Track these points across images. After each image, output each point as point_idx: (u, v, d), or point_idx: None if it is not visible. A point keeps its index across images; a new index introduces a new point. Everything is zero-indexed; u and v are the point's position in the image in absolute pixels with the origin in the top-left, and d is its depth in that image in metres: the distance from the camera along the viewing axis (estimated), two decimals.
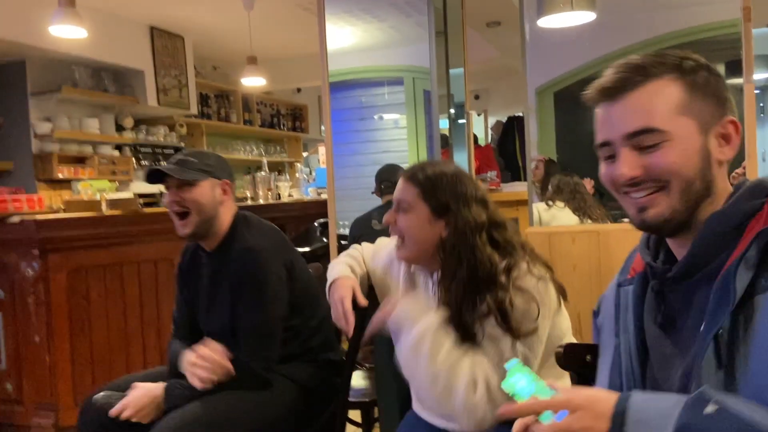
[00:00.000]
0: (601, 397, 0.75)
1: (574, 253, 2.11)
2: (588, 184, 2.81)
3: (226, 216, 1.68)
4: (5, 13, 4.29)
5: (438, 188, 1.30)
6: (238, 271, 1.60)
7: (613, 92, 0.84)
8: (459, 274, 1.25)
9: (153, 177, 1.64)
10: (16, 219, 2.75)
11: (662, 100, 0.82)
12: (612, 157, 0.85)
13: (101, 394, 1.59)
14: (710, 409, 0.66)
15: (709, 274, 0.78)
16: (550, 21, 2.61)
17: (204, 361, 1.50)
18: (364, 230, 2.86)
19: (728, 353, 0.72)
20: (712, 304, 0.75)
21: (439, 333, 1.22)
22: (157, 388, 1.55)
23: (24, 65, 4.83)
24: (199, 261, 1.75)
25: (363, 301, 1.44)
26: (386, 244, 1.56)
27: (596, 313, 1.01)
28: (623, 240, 1.68)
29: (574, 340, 1.30)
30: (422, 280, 1.42)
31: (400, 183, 1.36)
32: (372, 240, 1.66)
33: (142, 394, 1.54)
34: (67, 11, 3.42)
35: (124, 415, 1.51)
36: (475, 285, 1.23)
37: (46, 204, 3.24)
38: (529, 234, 2.31)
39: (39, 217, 2.79)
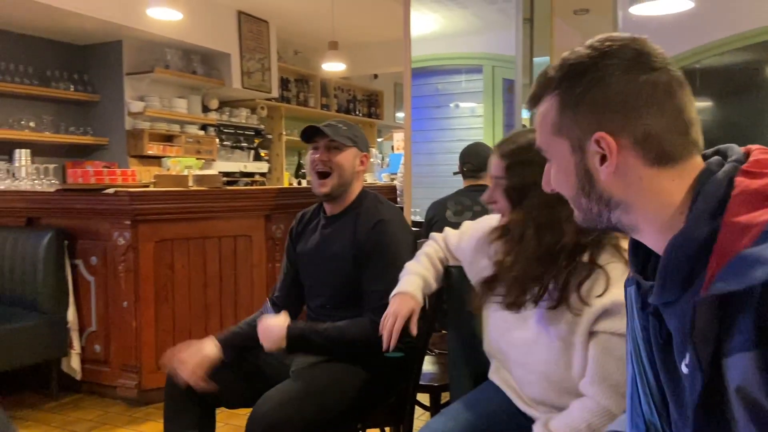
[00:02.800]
0: None
1: None
2: None
3: (356, 186, 1.79)
4: None
5: (524, 162, 1.26)
6: (371, 239, 1.68)
7: (530, 110, 0.87)
8: (533, 243, 1.23)
9: (306, 135, 1.77)
10: (111, 191, 2.93)
11: (543, 121, 0.82)
12: None
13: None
14: None
15: (687, 299, 0.71)
16: (645, 9, 2.50)
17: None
18: (439, 216, 2.78)
19: (716, 410, 0.66)
20: (690, 364, 0.68)
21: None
22: (282, 328, 1.63)
23: (121, 46, 5.11)
24: (315, 223, 1.84)
25: (414, 331, 1.47)
26: (473, 226, 1.56)
27: None
28: None
29: None
30: None
31: (494, 158, 1.32)
32: (443, 228, 1.66)
33: (276, 325, 1.63)
34: None
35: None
36: (552, 259, 1.21)
37: (138, 178, 3.42)
38: None
39: (132, 189, 2.96)
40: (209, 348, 1.67)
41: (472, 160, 2.78)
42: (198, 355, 1.63)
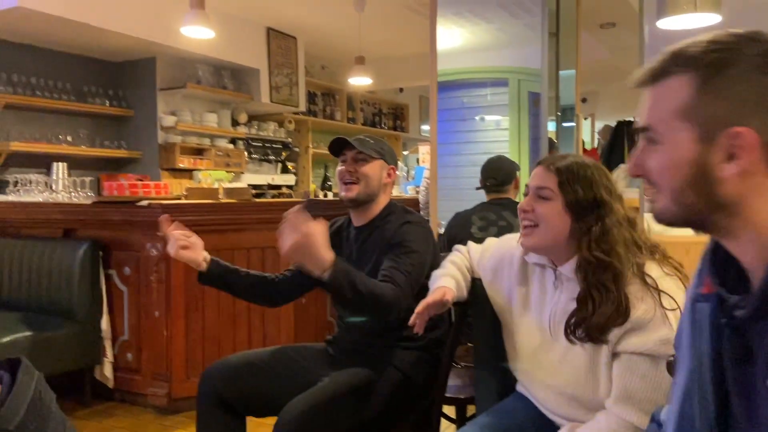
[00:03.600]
0: None
1: (687, 264, 2.02)
2: None
3: (383, 198, 1.83)
4: (141, 15, 4.69)
5: (581, 180, 1.26)
6: (396, 235, 1.71)
7: (641, 83, 0.79)
8: (597, 271, 1.22)
9: (334, 147, 1.83)
10: (145, 203, 3.01)
11: (666, 101, 0.75)
12: None
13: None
14: None
15: None
16: (672, 23, 2.50)
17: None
18: (463, 232, 2.69)
19: None
20: None
21: None
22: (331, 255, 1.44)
23: (155, 62, 5.25)
24: (346, 235, 1.88)
25: (448, 298, 1.43)
26: (495, 245, 1.56)
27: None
28: None
29: None
30: (536, 275, 1.40)
31: (540, 171, 1.32)
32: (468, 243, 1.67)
33: (323, 235, 1.42)
34: (197, 13, 3.70)
35: (296, 237, 1.36)
36: (611, 280, 1.21)
37: (170, 191, 3.51)
38: None
39: (165, 202, 3.03)
40: (201, 248, 1.75)
41: (496, 174, 2.77)
42: (189, 241, 1.72)
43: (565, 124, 4.52)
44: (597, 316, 1.20)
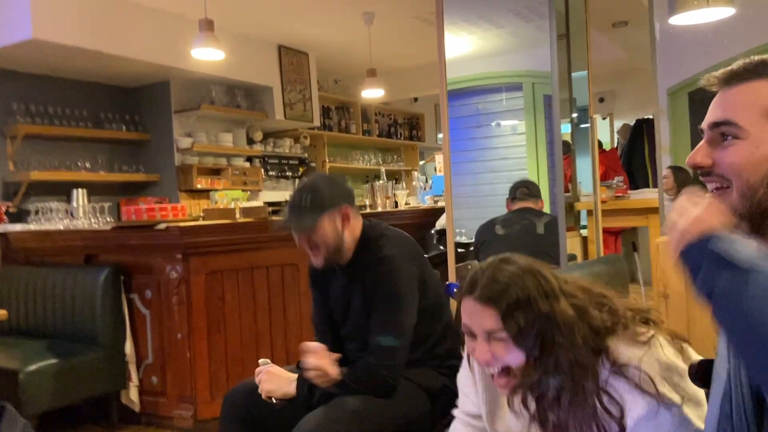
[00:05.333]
0: None
1: None
2: None
3: (353, 234, 1.74)
4: (153, 40, 4.76)
5: (519, 303, 1.06)
6: (372, 279, 1.68)
7: (720, 84, 0.84)
8: (565, 382, 1.07)
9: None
10: (163, 226, 3.02)
11: (753, 99, 0.81)
12: None
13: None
14: None
15: None
16: (684, 18, 2.45)
17: (316, 370, 1.60)
18: (488, 236, 2.87)
19: None
20: None
21: None
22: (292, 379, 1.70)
23: (168, 86, 5.31)
24: (333, 270, 1.83)
25: None
26: (464, 374, 1.36)
27: None
28: None
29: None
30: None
31: (471, 306, 1.10)
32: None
33: (279, 374, 1.70)
34: (207, 36, 3.74)
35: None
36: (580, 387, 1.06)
37: (188, 212, 3.52)
38: (661, 244, 2.18)
39: (182, 224, 3.05)
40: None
41: (528, 185, 3.01)
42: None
43: (583, 126, 4.47)
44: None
